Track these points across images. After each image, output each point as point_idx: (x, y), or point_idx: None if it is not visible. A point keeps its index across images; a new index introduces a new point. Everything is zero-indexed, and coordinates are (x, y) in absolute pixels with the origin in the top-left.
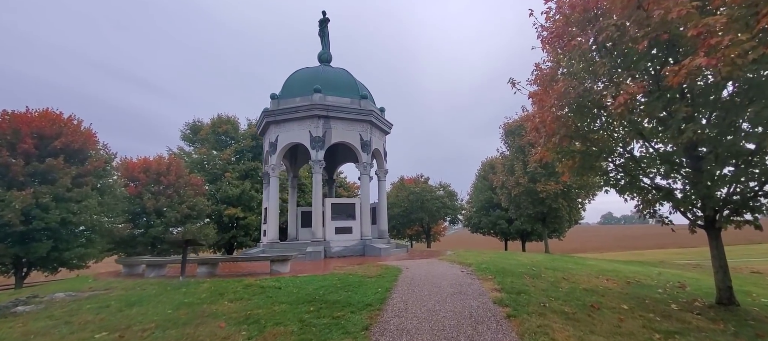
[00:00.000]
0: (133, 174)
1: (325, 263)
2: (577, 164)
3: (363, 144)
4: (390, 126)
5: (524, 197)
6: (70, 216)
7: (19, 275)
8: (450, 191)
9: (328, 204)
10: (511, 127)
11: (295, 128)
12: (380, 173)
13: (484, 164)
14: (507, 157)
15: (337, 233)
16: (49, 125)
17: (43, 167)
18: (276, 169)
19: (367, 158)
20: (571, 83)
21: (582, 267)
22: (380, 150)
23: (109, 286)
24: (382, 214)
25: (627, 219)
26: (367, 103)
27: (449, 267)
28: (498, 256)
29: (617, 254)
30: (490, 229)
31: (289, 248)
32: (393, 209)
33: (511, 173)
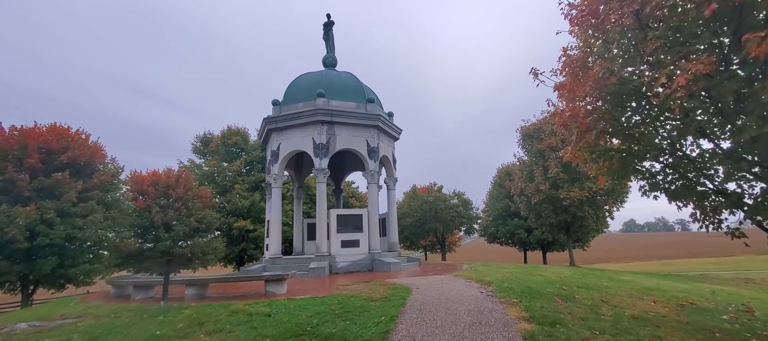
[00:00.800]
0: (142, 187)
1: (329, 281)
2: (615, 165)
3: (370, 151)
4: (399, 131)
5: (546, 205)
6: (75, 232)
7: (26, 292)
8: (465, 199)
9: (333, 216)
10: (529, 130)
11: (297, 135)
12: (389, 182)
13: (499, 170)
14: (525, 162)
15: (343, 246)
16: (56, 139)
17: (48, 182)
18: (278, 179)
19: (375, 165)
20: (610, 66)
21: (619, 285)
22: (389, 157)
23: (84, 313)
24: (392, 225)
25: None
26: (374, 107)
27: (466, 287)
28: (520, 272)
29: (645, 264)
30: (508, 239)
31: (291, 264)
32: (405, 219)
33: (531, 180)
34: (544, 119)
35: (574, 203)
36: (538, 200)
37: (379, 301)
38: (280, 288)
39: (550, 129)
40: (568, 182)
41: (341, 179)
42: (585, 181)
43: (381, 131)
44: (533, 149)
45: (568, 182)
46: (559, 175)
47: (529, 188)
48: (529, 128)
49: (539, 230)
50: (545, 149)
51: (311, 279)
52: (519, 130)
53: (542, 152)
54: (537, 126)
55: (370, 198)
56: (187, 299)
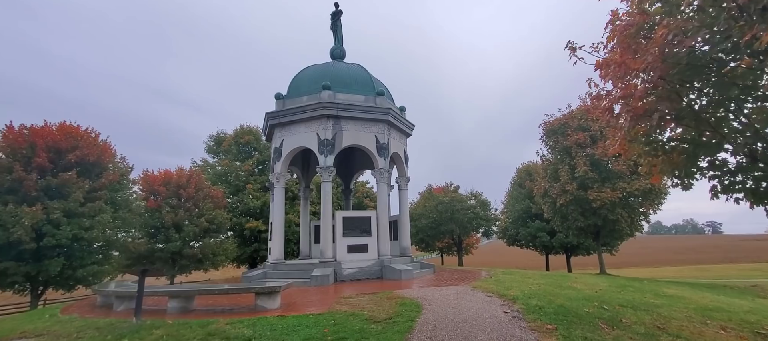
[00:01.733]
0: (153, 187)
1: (332, 291)
2: (677, 159)
3: (379, 147)
4: (411, 127)
5: (572, 207)
6: (82, 233)
7: (35, 293)
8: (482, 200)
9: (339, 218)
10: (554, 126)
11: (301, 130)
12: (401, 181)
13: (519, 170)
14: (549, 161)
15: (349, 251)
16: (64, 138)
17: (56, 182)
18: (281, 178)
19: (385, 163)
20: (682, 26)
21: (670, 303)
22: (400, 155)
23: (48, 330)
24: (404, 228)
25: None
26: (384, 100)
27: (487, 303)
28: (548, 283)
29: (677, 269)
30: (529, 242)
31: (294, 270)
32: (420, 220)
33: (556, 180)
34: (571, 113)
35: (605, 205)
36: (564, 201)
37: (382, 324)
38: (272, 302)
39: (576, 124)
40: (598, 181)
41: (351, 178)
42: (617, 181)
43: (391, 126)
44: (558, 147)
45: (598, 182)
46: (587, 174)
47: (553, 189)
48: (553, 124)
49: (563, 234)
50: (572, 146)
51: (313, 289)
52: (542, 126)
53: (568, 150)
54: (562, 121)
55: (379, 199)
56: (169, 313)
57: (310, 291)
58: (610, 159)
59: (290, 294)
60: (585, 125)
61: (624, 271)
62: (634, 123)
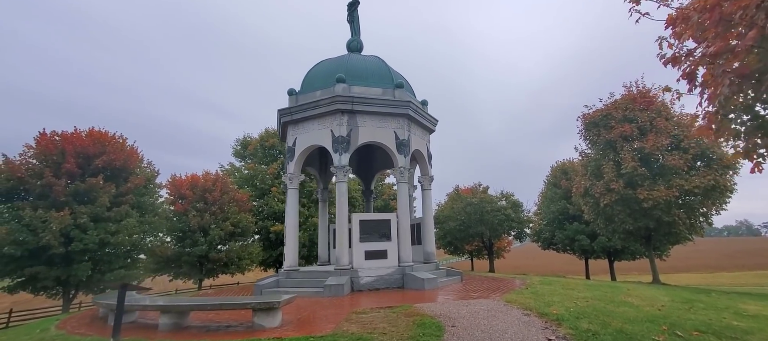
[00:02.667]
0: (180, 191)
1: (346, 303)
2: None
3: (399, 144)
4: (434, 122)
5: (619, 208)
6: (108, 237)
7: (67, 297)
8: (514, 201)
9: (356, 221)
10: (594, 118)
11: (314, 127)
12: (424, 181)
13: (554, 168)
14: (589, 157)
15: (367, 258)
16: (92, 143)
17: (83, 187)
18: (295, 179)
19: (405, 161)
20: None
21: (758, 325)
22: (423, 152)
23: None
24: (428, 232)
25: (731, 231)
26: (403, 93)
27: (524, 325)
28: (596, 296)
29: (734, 276)
30: (567, 246)
31: (308, 278)
32: (448, 222)
33: (598, 177)
34: (614, 103)
35: (659, 205)
36: (608, 201)
37: None
38: (271, 320)
39: (621, 115)
40: (649, 179)
41: (371, 179)
42: (672, 177)
43: (412, 121)
44: (600, 141)
45: (649, 179)
46: (636, 170)
47: (595, 188)
48: (593, 116)
49: (606, 237)
50: (616, 140)
51: (325, 301)
52: (581, 118)
53: (612, 144)
54: (604, 112)
55: (399, 200)
56: (161, 330)
57: (322, 303)
58: (663, 153)
59: (299, 306)
60: (631, 116)
61: (675, 278)
62: (733, 90)
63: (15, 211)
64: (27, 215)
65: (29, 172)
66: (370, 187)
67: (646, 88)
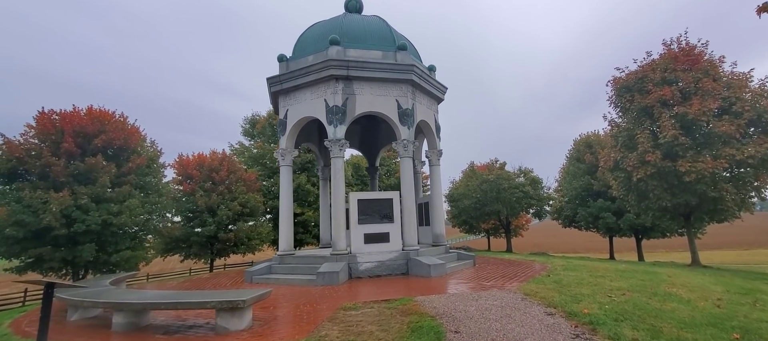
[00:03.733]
0: (187, 171)
1: (339, 294)
2: None
3: (402, 114)
4: (443, 90)
5: (655, 183)
6: (111, 218)
7: (77, 278)
8: (533, 177)
9: (353, 201)
10: (628, 82)
11: (307, 96)
12: (432, 156)
13: (577, 142)
14: (620, 126)
15: (366, 242)
16: (91, 122)
17: (83, 167)
18: (287, 155)
19: (408, 133)
20: None
21: None
22: (430, 123)
23: None
24: (437, 212)
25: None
26: (406, 55)
27: (548, 330)
28: (634, 286)
29: None
30: (590, 224)
31: (303, 263)
32: (463, 200)
33: (630, 149)
34: (651, 64)
35: (704, 178)
36: (642, 175)
37: None
38: (237, 321)
39: (659, 77)
40: (692, 149)
41: (376, 154)
42: (721, 147)
43: (417, 87)
44: (634, 107)
45: (692, 149)
46: (677, 140)
47: (628, 160)
48: (627, 79)
49: (635, 214)
50: (654, 105)
51: (316, 290)
52: (611, 82)
53: (648, 110)
54: (639, 75)
55: (403, 177)
56: (114, 332)
57: (311, 294)
58: (710, 118)
59: (282, 298)
60: (671, 77)
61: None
62: None
63: (16, 192)
64: (27, 196)
65: (28, 152)
66: (374, 163)
67: (689, 45)
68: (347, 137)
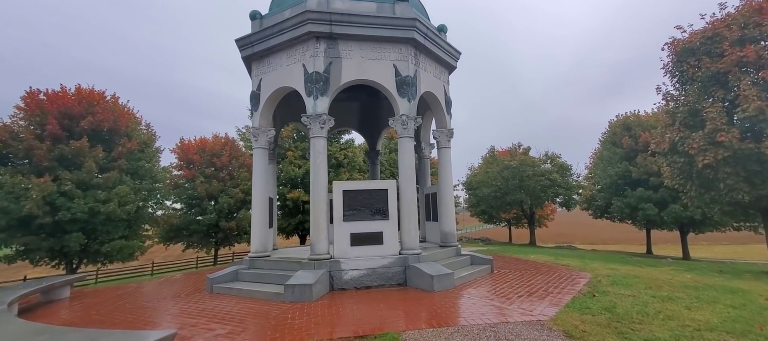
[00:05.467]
0: (188, 156)
1: (307, 318)
2: None
3: (400, 83)
4: (455, 56)
5: (729, 170)
6: (99, 206)
7: (70, 268)
8: (561, 163)
9: (338, 192)
10: (691, 43)
11: (282, 62)
12: (440, 137)
13: (613, 124)
14: (679, 100)
15: (354, 244)
16: (77, 103)
17: (68, 151)
18: (261, 135)
19: (409, 107)
20: None
21: None
22: (438, 97)
23: None
24: (447, 205)
25: None
26: (407, 7)
27: None
28: (729, 319)
29: None
30: (627, 215)
31: (276, 269)
32: (481, 188)
33: (693, 127)
34: (724, 19)
35: None
36: (711, 160)
37: None
38: None
39: (736, 35)
40: None
41: (378, 135)
42: None
43: (421, 50)
44: (701, 75)
45: None
46: (764, 113)
47: (690, 142)
48: (690, 40)
49: (692, 207)
50: (730, 70)
51: (281, 309)
52: (669, 46)
53: (722, 77)
54: (707, 34)
55: (401, 161)
56: None
57: (268, 319)
58: None
59: (221, 323)
60: (754, 35)
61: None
62: None
63: None
64: (7, 182)
65: (13, 135)
66: (376, 146)
67: None
68: (344, 116)
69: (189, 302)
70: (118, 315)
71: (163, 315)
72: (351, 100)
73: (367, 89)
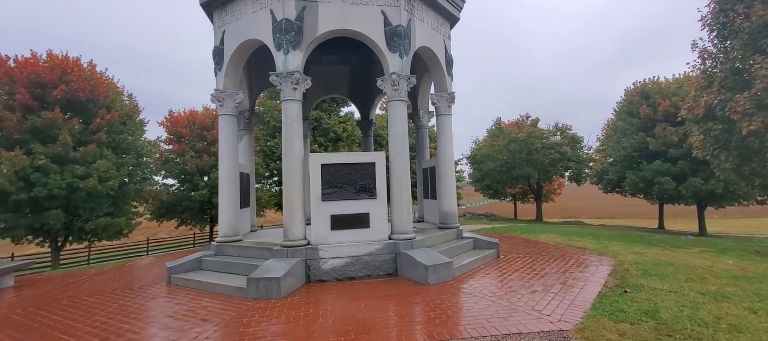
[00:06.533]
0: (177, 130)
1: (269, 322)
2: None
3: (391, 34)
4: (459, 4)
5: None
6: (77, 181)
7: (55, 246)
8: (572, 135)
9: (316, 166)
10: None
11: (247, 7)
12: (440, 101)
13: (629, 92)
14: (717, 58)
15: (334, 227)
16: (49, 70)
17: (40, 122)
18: (227, 99)
19: (401, 64)
20: None
21: None
22: (437, 53)
23: None
24: (446, 181)
25: None
26: None
27: None
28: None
29: None
30: (641, 189)
31: (244, 256)
32: (486, 162)
33: (735, 88)
34: None
35: None
36: (758, 125)
37: None
38: None
39: None
40: None
41: (371, 102)
42: None
43: None
44: (749, 26)
45: None
46: None
47: (734, 105)
48: None
49: (703, 176)
50: None
51: (241, 307)
52: None
53: None
54: None
55: (391, 129)
56: None
57: (217, 327)
58: None
59: (148, 332)
60: None
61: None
62: None
63: None
64: None
65: None
66: (369, 116)
67: None
68: (332, 81)
69: (136, 297)
70: (42, 315)
71: (94, 316)
72: (340, 62)
73: (358, 49)
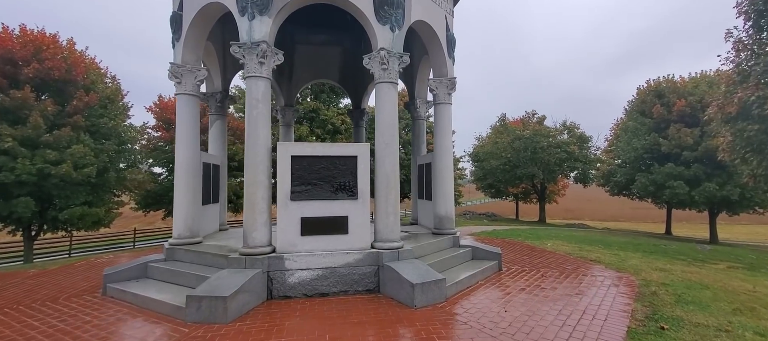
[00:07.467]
0: (166, 116)
1: None
2: None
3: (378, 5)
4: None
5: None
6: (49, 167)
7: (27, 235)
8: (580, 134)
9: (286, 158)
10: None
11: None
12: (439, 88)
13: (642, 91)
14: (751, 48)
15: (306, 233)
16: (21, 46)
17: (8, 102)
18: (186, 76)
19: (391, 39)
20: None
21: None
22: (436, 29)
23: None
24: (443, 179)
25: None
26: None
27: None
28: None
29: None
30: (653, 193)
31: (197, 263)
32: (489, 160)
33: None
34: None
35: None
36: None
37: None
38: None
39: None
40: None
41: (364, 89)
42: None
43: None
44: None
45: None
46: None
47: None
48: None
49: (718, 182)
50: None
51: (183, 332)
52: None
53: None
54: None
55: (378, 116)
56: None
57: None
58: None
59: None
60: None
61: None
62: None
63: None
64: None
65: None
66: (361, 104)
67: None
68: (322, 65)
69: (48, 316)
70: None
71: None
72: (330, 43)
73: (351, 28)
